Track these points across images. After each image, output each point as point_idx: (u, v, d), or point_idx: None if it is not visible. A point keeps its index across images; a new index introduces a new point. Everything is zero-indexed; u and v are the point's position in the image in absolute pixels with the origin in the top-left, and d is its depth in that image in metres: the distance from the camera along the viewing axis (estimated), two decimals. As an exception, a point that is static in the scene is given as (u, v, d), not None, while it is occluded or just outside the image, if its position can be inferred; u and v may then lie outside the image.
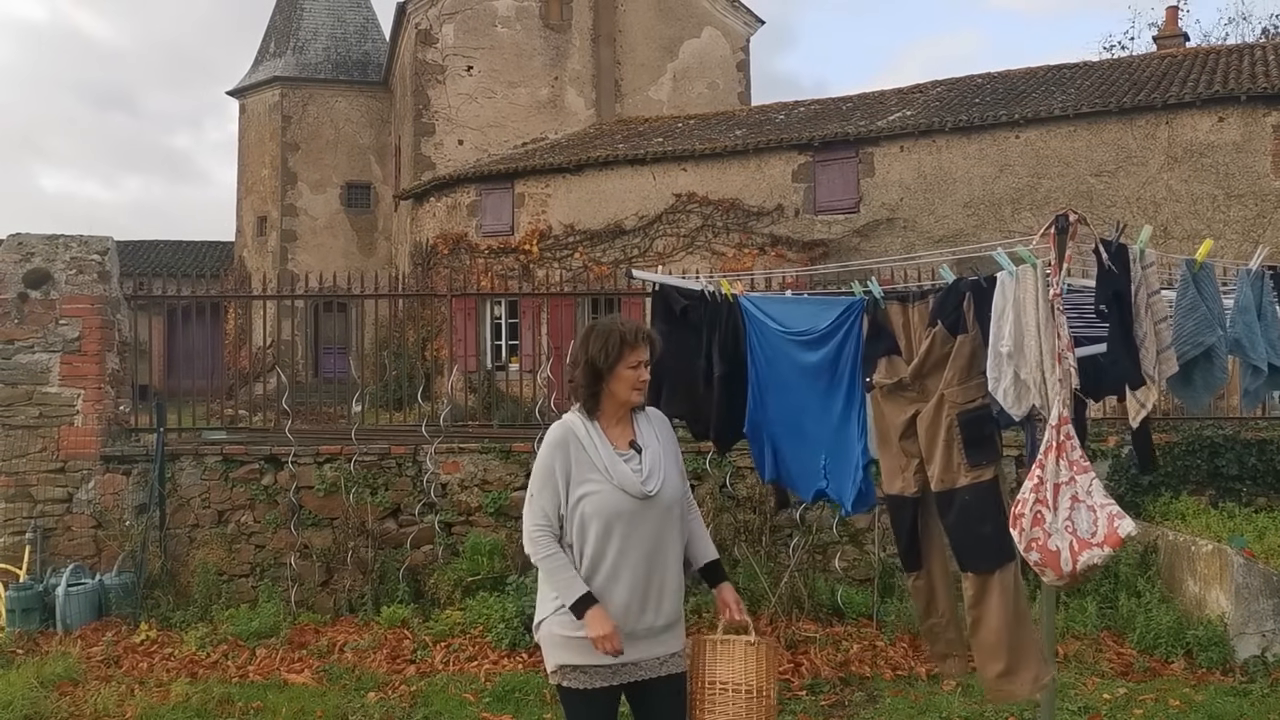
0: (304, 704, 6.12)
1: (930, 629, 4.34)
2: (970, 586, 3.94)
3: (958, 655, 4.31)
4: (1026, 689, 3.94)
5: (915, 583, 4.28)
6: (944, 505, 4.01)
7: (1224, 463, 8.24)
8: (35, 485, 8.29)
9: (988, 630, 3.91)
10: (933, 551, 4.24)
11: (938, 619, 4.28)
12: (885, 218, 17.93)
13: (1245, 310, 4.00)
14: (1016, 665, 3.89)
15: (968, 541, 3.95)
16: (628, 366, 3.49)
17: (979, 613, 3.93)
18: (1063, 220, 3.55)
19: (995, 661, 3.91)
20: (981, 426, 3.92)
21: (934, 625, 4.31)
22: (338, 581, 8.17)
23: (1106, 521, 3.38)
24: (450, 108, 25.03)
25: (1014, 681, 3.91)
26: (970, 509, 3.92)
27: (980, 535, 3.90)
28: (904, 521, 4.20)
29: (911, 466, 4.15)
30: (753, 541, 8.03)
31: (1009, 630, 3.87)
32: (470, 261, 20.71)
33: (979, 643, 3.97)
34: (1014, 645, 3.88)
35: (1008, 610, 3.88)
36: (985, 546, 3.89)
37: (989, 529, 3.88)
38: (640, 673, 3.46)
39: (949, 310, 3.97)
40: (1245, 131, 15.73)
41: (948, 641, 4.31)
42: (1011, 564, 3.90)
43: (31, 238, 8.51)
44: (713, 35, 27.26)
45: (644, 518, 3.43)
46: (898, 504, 4.23)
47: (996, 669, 3.91)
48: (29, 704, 5.97)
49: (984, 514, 3.90)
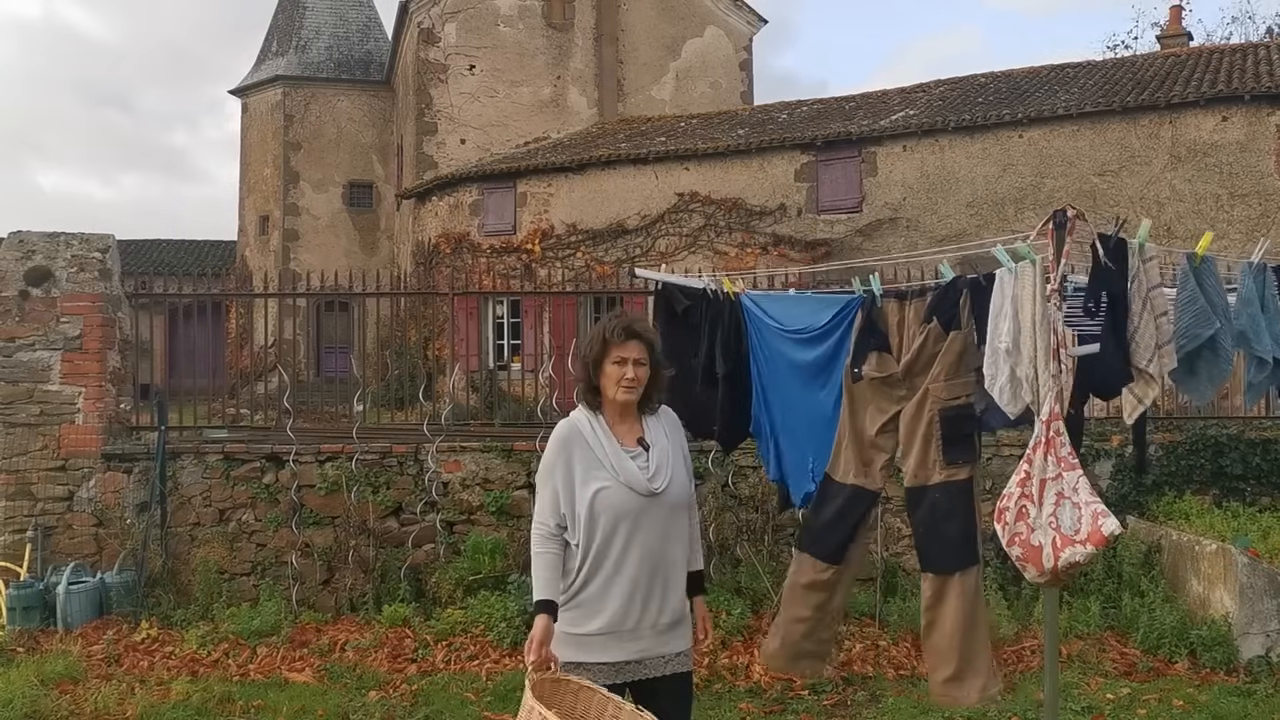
0: (305, 703, 6.11)
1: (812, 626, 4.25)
2: (929, 587, 3.91)
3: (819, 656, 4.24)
4: (974, 696, 3.90)
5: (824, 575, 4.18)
6: (914, 501, 3.98)
7: (1228, 462, 8.21)
8: (36, 483, 8.28)
9: (941, 634, 3.88)
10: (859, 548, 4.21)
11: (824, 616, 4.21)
12: (888, 217, 17.90)
13: (1249, 303, 3.98)
14: (965, 671, 3.86)
15: (932, 540, 3.91)
16: (611, 363, 3.47)
17: (934, 615, 3.89)
18: (1061, 216, 3.54)
19: (945, 665, 3.88)
20: (961, 425, 3.90)
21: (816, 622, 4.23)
22: (339, 580, 8.15)
23: (1090, 519, 3.35)
24: (452, 107, 25.02)
25: (961, 688, 3.88)
26: (939, 507, 3.89)
27: (946, 535, 3.87)
28: (854, 514, 4.14)
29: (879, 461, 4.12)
30: (755, 541, 8.02)
31: (962, 635, 3.84)
32: (472, 261, 20.70)
33: (931, 645, 3.94)
34: (965, 651, 3.84)
35: (964, 615, 3.84)
36: (949, 546, 3.86)
37: (955, 529, 3.85)
38: (645, 671, 3.44)
39: (946, 308, 3.96)
40: (1249, 131, 15.70)
41: (819, 640, 4.24)
42: (974, 568, 3.87)
43: (32, 235, 8.51)
44: (715, 34, 27.24)
45: (650, 515, 3.42)
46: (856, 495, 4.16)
47: (945, 673, 3.89)
48: (29, 702, 5.96)
49: (952, 513, 3.87)
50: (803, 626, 4.26)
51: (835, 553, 4.17)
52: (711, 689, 6.27)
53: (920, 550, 3.97)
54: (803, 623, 4.25)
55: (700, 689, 6.08)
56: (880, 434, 4.10)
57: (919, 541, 3.98)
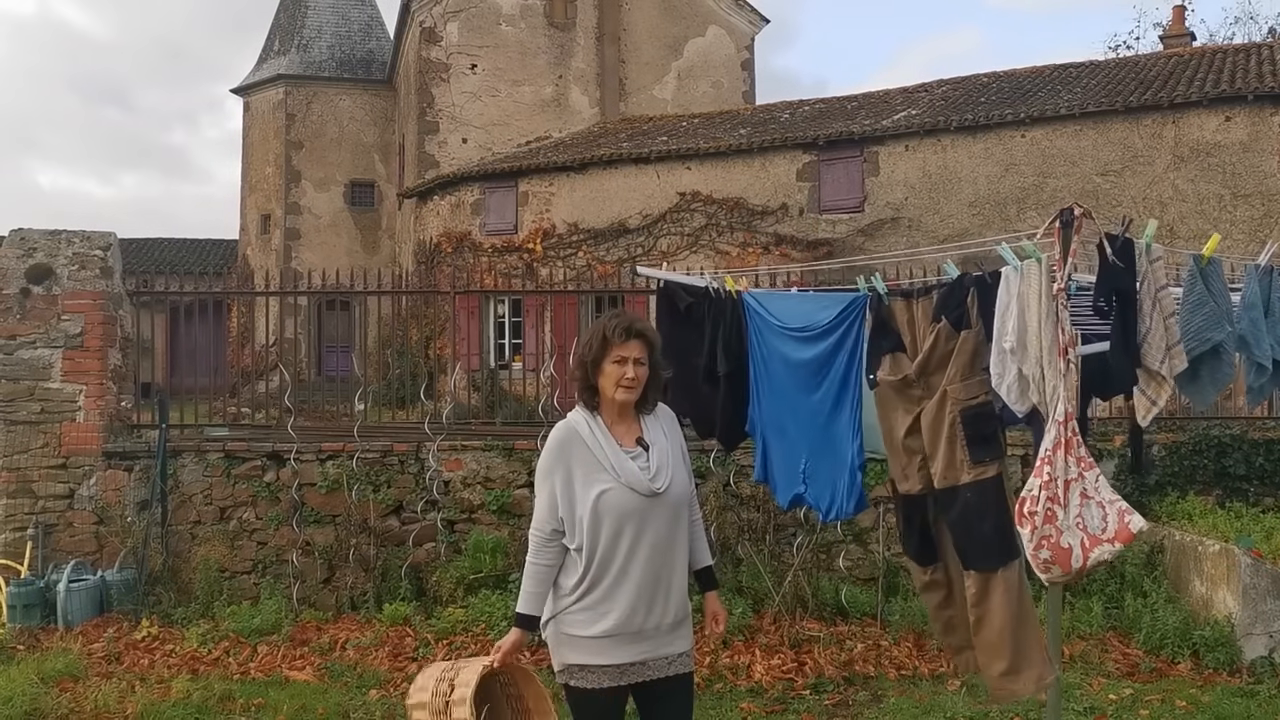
0: (305, 701, 6.10)
1: (948, 622, 4.26)
2: (973, 585, 3.90)
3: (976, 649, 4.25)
4: (1030, 688, 3.90)
5: (931, 576, 4.21)
6: (946, 503, 3.97)
7: (1231, 462, 8.20)
8: (37, 481, 8.28)
9: (991, 629, 3.87)
10: (948, 544, 4.19)
11: (955, 611, 4.22)
12: (890, 217, 17.88)
13: (1252, 306, 3.96)
14: (1020, 664, 3.85)
15: (970, 539, 3.90)
16: (611, 363, 3.45)
17: (982, 611, 3.88)
18: (1067, 214, 3.51)
19: (999, 660, 3.87)
20: (984, 423, 3.88)
21: (951, 618, 4.24)
22: (340, 579, 8.15)
23: (1117, 517, 3.34)
24: (454, 106, 25.00)
25: (1017, 680, 3.87)
26: (973, 506, 3.88)
27: (983, 533, 3.86)
28: (915, 518, 4.15)
29: (915, 464, 4.11)
30: (756, 540, 8.00)
31: (1012, 629, 3.83)
32: (474, 260, 20.69)
33: (982, 641, 3.92)
34: (1017, 644, 3.84)
35: (1011, 608, 3.83)
36: (988, 544, 3.85)
37: (991, 527, 3.83)
38: (648, 672, 3.43)
39: (953, 306, 3.94)
40: (1252, 131, 15.68)
41: (965, 635, 4.25)
42: (1015, 562, 3.86)
43: (34, 233, 8.50)
44: (717, 34, 27.22)
45: (653, 516, 3.40)
46: (907, 502, 4.19)
47: (1000, 668, 3.87)
48: (29, 700, 5.95)
49: (986, 511, 3.86)
50: (939, 625, 4.30)
51: (923, 556, 4.20)
52: (713, 688, 6.25)
53: (959, 550, 3.96)
54: (937, 621, 4.30)
55: (701, 689, 6.07)
56: (909, 436, 4.10)
57: (957, 541, 3.97)
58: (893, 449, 4.19)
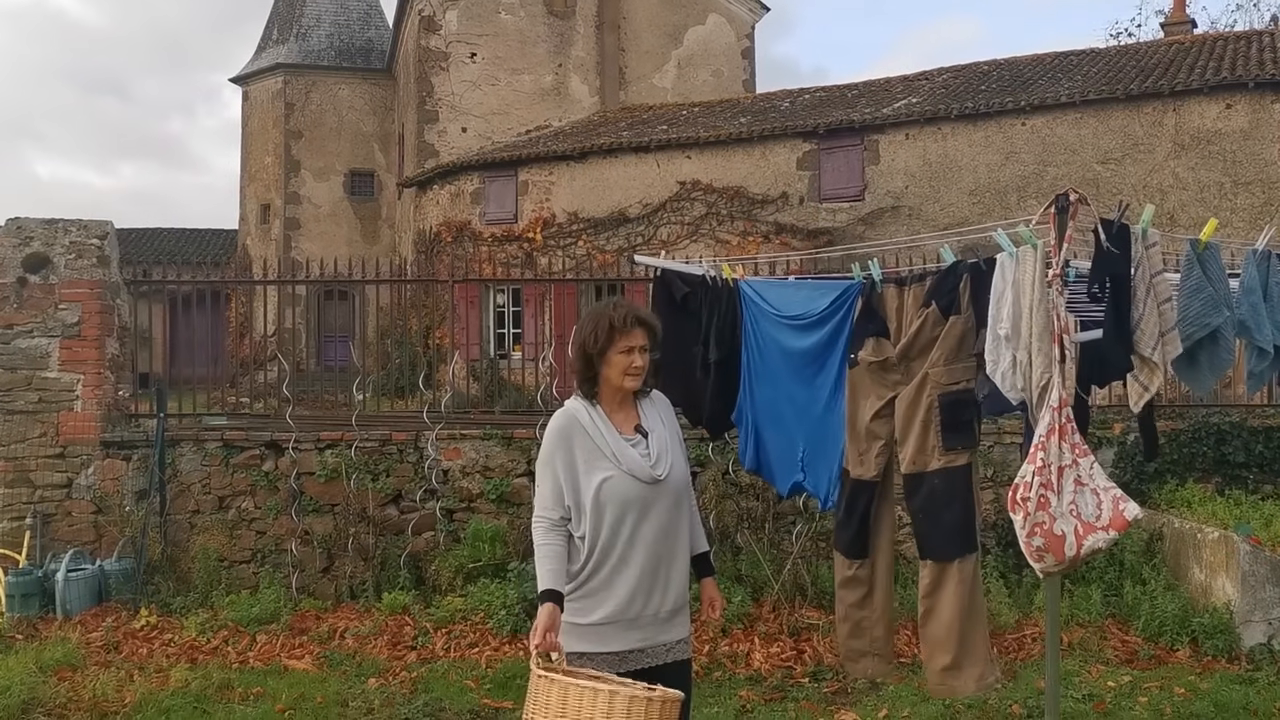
0: (304, 690, 6.10)
1: (857, 624, 4.20)
2: (927, 575, 3.88)
3: (878, 655, 4.20)
4: (970, 686, 3.88)
5: (855, 571, 4.17)
6: (912, 488, 3.94)
7: (1230, 450, 8.18)
8: (35, 470, 8.28)
9: (939, 622, 3.85)
10: (881, 541, 4.16)
11: (868, 613, 4.18)
12: (890, 206, 17.85)
13: (1251, 291, 3.94)
14: (963, 660, 3.83)
15: (931, 527, 3.88)
16: (618, 352, 3.44)
17: (932, 602, 3.86)
18: (1063, 200, 3.50)
19: (942, 654, 3.85)
20: (961, 410, 3.86)
21: (862, 620, 4.19)
22: (339, 568, 8.15)
23: (1111, 505, 3.33)
24: (454, 95, 24.93)
25: (959, 677, 3.85)
26: (938, 493, 3.86)
27: (944, 522, 3.84)
28: (858, 506, 4.12)
29: (874, 449, 4.08)
30: (755, 528, 7.99)
31: (960, 623, 3.81)
32: (473, 249, 20.66)
33: (928, 634, 3.90)
34: (963, 640, 3.82)
35: (962, 603, 3.81)
36: (948, 534, 3.83)
37: (954, 516, 3.82)
38: (647, 659, 3.43)
39: (945, 292, 3.92)
40: (1253, 118, 15.63)
41: (872, 639, 4.19)
42: (973, 556, 3.85)
43: (30, 222, 8.48)
44: (717, 22, 27.13)
45: (654, 502, 3.40)
46: (856, 488, 4.15)
47: (943, 662, 3.86)
48: (28, 689, 5.95)
49: (951, 500, 3.84)
50: (848, 625, 4.25)
51: (856, 548, 4.16)
52: (711, 676, 6.25)
53: (919, 537, 3.94)
54: (847, 621, 4.25)
55: (700, 677, 6.07)
56: (875, 420, 4.07)
57: (917, 528, 3.95)
58: (854, 433, 4.16)
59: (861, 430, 4.11)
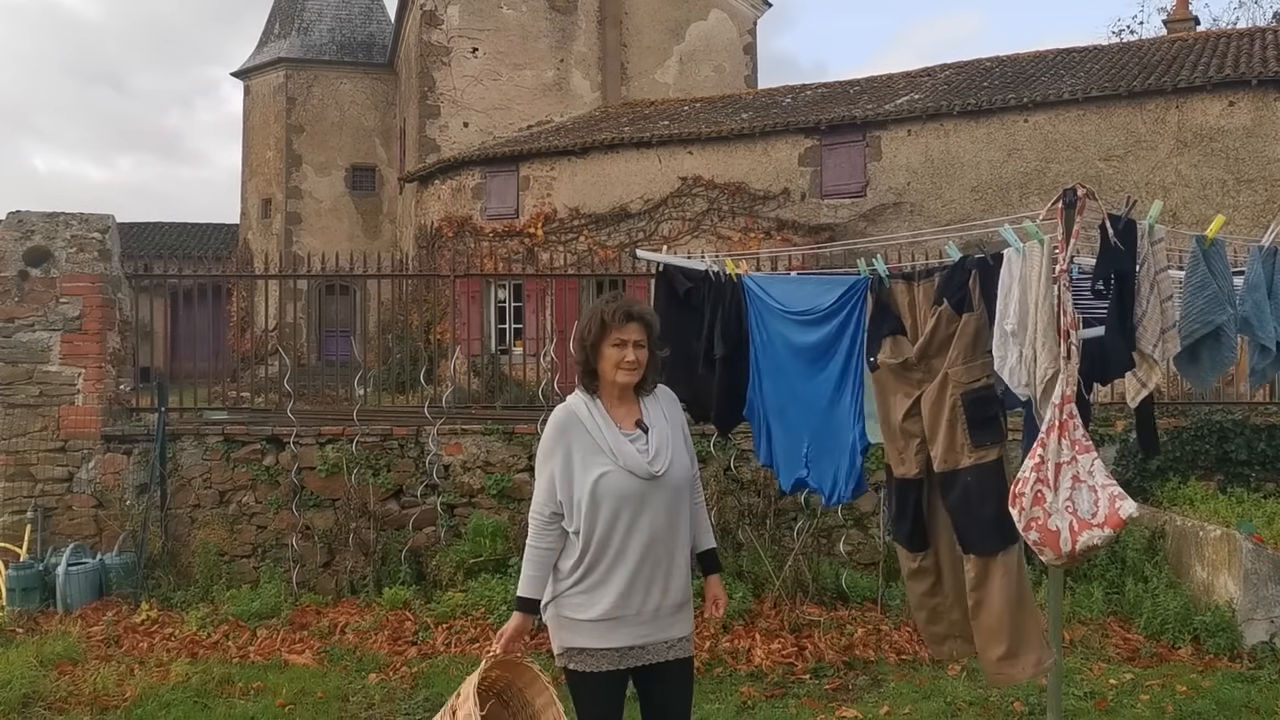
0: (305, 685, 6.09)
1: (933, 610, 4.25)
2: (972, 569, 3.89)
3: (959, 637, 4.22)
4: (1028, 672, 3.89)
5: (920, 563, 4.20)
6: (946, 486, 3.95)
7: (1233, 448, 8.17)
8: (36, 464, 8.27)
9: (989, 613, 3.86)
10: (940, 530, 4.16)
11: (941, 599, 4.21)
12: (892, 202, 17.83)
13: (1255, 288, 3.92)
14: (1018, 648, 3.84)
15: (970, 523, 3.89)
16: (610, 346, 3.43)
17: (981, 595, 3.87)
18: (1071, 195, 3.48)
19: (997, 644, 3.86)
20: (985, 406, 3.86)
21: (937, 606, 4.23)
22: (339, 562, 8.14)
23: (1108, 502, 3.31)
24: (455, 90, 24.90)
25: (1015, 665, 3.86)
26: (973, 490, 3.86)
27: (982, 517, 3.84)
28: (909, 503, 4.13)
29: (912, 448, 4.09)
30: (757, 525, 7.98)
31: (1011, 613, 3.82)
32: (475, 245, 20.65)
33: (981, 625, 3.91)
34: (1016, 628, 3.83)
35: (1010, 593, 3.82)
36: (988, 528, 3.84)
37: (991, 511, 3.82)
38: (648, 656, 3.42)
39: (954, 288, 3.91)
40: (1256, 116, 15.61)
41: (950, 623, 4.22)
42: (1015, 546, 3.85)
43: (31, 215, 8.47)
44: (719, 18, 27.10)
45: (652, 498, 3.38)
46: (902, 486, 4.17)
47: (998, 652, 3.86)
48: (28, 683, 5.95)
49: (986, 495, 3.84)
50: (924, 613, 4.27)
51: (915, 541, 4.17)
52: (713, 673, 6.24)
53: (959, 532, 3.94)
54: (922, 609, 4.27)
55: (701, 673, 6.07)
56: (907, 419, 4.08)
57: (956, 525, 3.95)
58: (890, 432, 4.17)
59: (896, 429, 4.12)
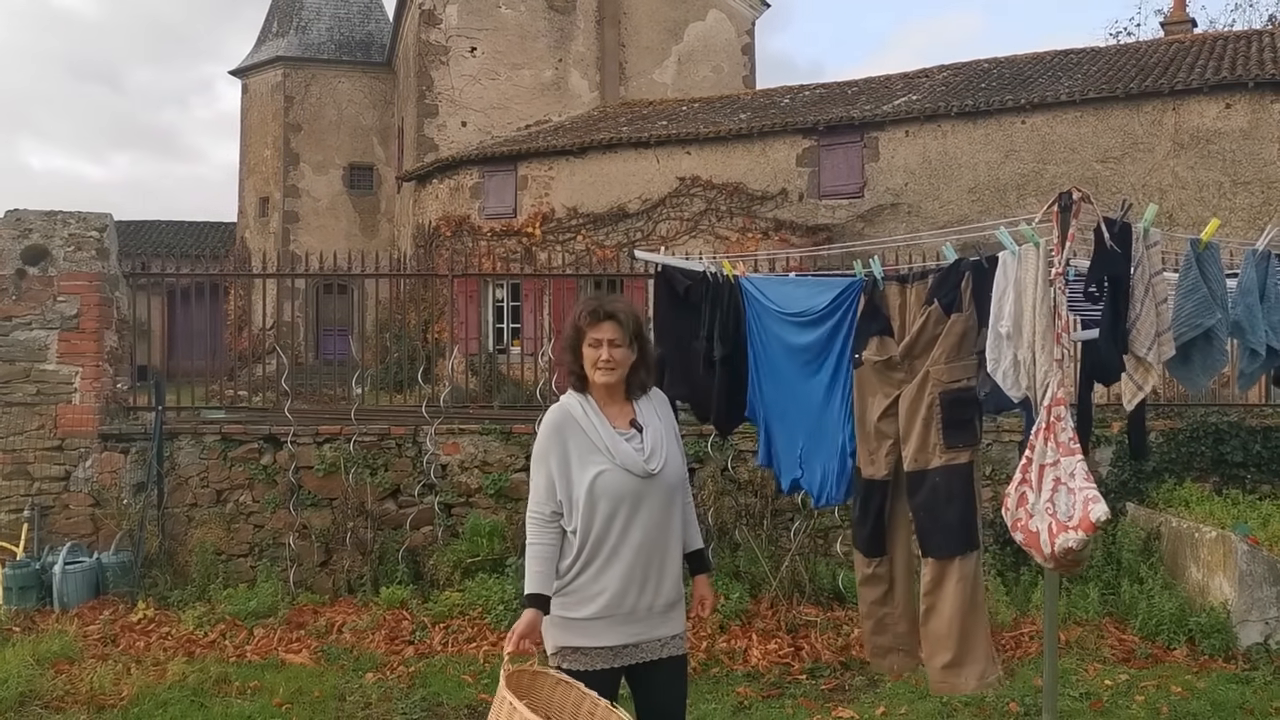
0: (302, 684, 6.10)
1: (880, 621, 4.21)
2: (929, 572, 3.89)
3: (903, 650, 4.20)
4: (971, 684, 3.88)
5: (875, 570, 4.18)
6: (914, 485, 3.95)
7: (1228, 449, 8.19)
8: (33, 463, 8.27)
9: (940, 619, 3.85)
10: (898, 538, 4.16)
11: (890, 609, 4.18)
12: (889, 203, 17.84)
13: (1248, 292, 3.93)
14: (964, 658, 3.83)
15: (933, 526, 3.88)
16: (587, 345, 3.45)
17: (933, 600, 3.87)
18: (1066, 198, 3.49)
19: (944, 652, 3.85)
20: (963, 409, 3.86)
21: (885, 616, 4.20)
22: (336, 562, 8.14)
23: (1081, 505, 3.32)
24: (454, 89, 24.89)
25: (960, 675, 3.86)
26: (939, 491, 3.86)
27: (946, 519, 3.84)
28: (872, 505, 4.13)
29: (884, 448, 4.08)
30: (754, 525, 7.99)
31: (961, 621, 3.81)
32: (473, 244, 20.65)
33: (929, 632, 3.91)
34: (964, 637, 3.82)
35: (963, 600, 3.81)
36: (949, 531, 3.83)
37: (955, 514, 3.82)
38: (641, 654, 3.43)
39: (947, 290, 3.92)
40: (1252, 118, 15.63)
41: (896, 635, 4.19)
42: (974, 554, 3.85)
43: (29, 214, 8.47)
44: (718, 18, 27.10)
45: (647, 497, 3.40)
46: (868, 487, 4.16)
47: (944, 659, 3.86)
48: (25, 681, 5.95)
49: (952, 497, 3.84)
50: (871, 622, 4.26)
51: (873, 546, 4.16)
52: (709, 673, 6.25)
53: (920, 535, 3.94)
54: (870, 618, 4.25)
55: (697, 673, 6.08)
56: (883, 419, 4.07)
57: (919, 526, 3.95)
58: (864, 432, 4.16)
59: (871, 429, 4.11)
